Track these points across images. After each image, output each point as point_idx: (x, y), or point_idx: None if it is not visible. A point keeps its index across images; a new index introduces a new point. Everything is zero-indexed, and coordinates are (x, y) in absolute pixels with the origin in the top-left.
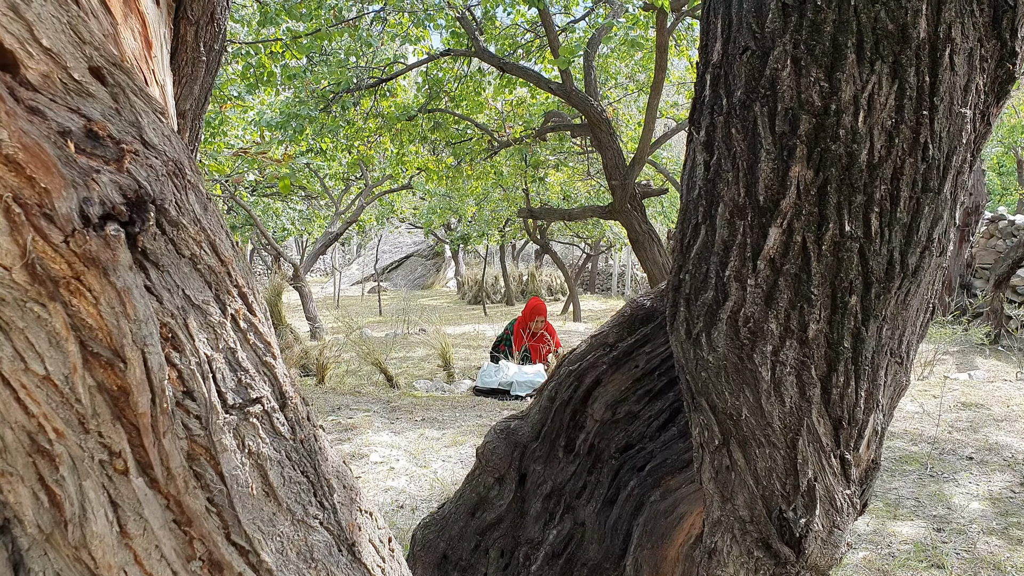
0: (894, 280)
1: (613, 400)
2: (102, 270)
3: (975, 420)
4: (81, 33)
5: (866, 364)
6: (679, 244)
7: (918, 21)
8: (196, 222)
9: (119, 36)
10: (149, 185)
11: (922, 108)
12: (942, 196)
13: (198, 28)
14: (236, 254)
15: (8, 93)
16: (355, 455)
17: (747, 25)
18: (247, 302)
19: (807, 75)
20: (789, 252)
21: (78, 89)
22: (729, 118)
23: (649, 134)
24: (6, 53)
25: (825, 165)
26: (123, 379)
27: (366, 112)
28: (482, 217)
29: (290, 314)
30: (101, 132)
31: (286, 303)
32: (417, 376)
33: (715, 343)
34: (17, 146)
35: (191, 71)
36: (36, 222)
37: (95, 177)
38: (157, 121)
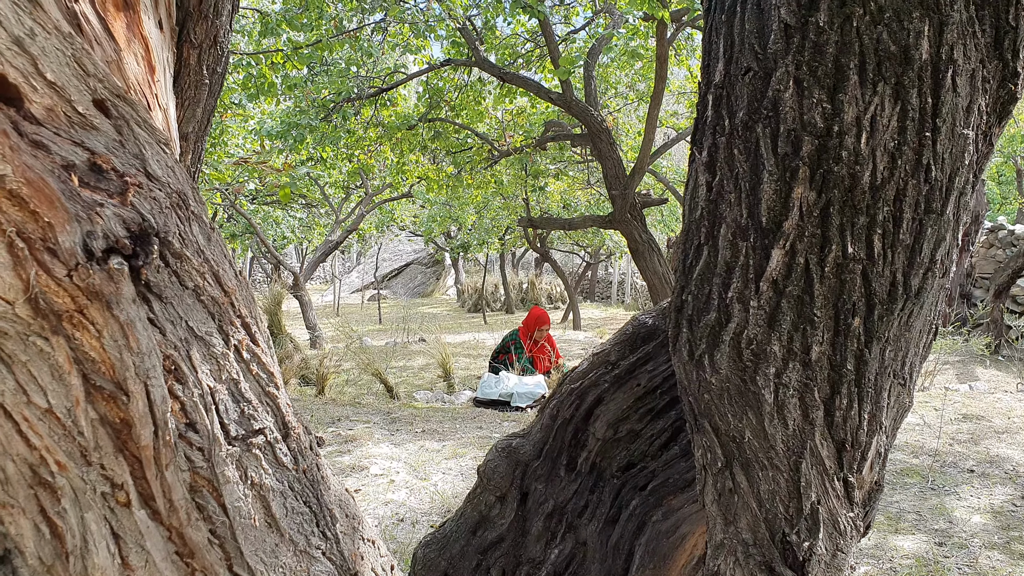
0: (897, 302)
1: (615, 418)
2: (105, 303)
3: (976, 432)
4: (85, 66)
5: (869, 386)
6: (681, 264)
7: (920, 42)
8: (199, 253)
9: (122, 62)
10: (153, 218)
11: (924, 129)
12: (945, 217)
13: (201, 51)
14: (239, 283)
15: (12, 128)
16: (355, 467)
17: (749, 46)
18: (250, 332)
19: (810, 96)
20: (792, 274)
21: (82, 122)
22: (731, 139)
23: (649, 144)
24: (10, 87)
25: (828, 187)
26: (126, 412)
27: (366, 121)
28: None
29: (290, 322)
30: (105, 165)
31: (286, 311)
32: (417, 386)
33: (718, 365)
34: (21, 181)
35: (194, 94)
36: (39, 256)
37: (99, 211)
38: (161, 152)
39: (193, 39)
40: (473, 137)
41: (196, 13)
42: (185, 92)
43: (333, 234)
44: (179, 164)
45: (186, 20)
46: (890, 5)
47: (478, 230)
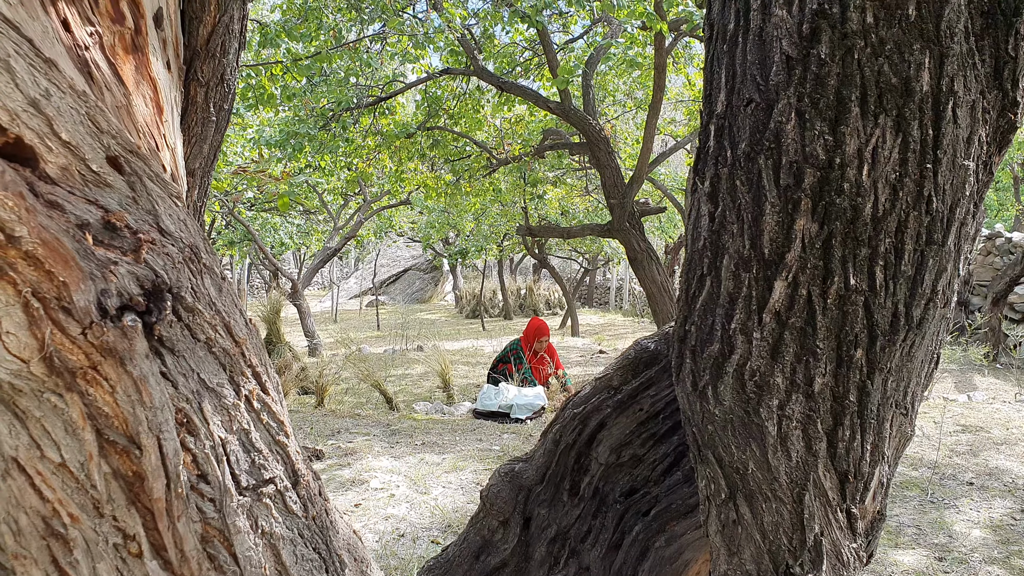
0: (899, 333)
1: (617, 443)
2: (119, 359)
3: (975, 444)
4: (99, 123)
5: (872, 417)
6: (684, 295)
7: (921, 74)
8: (211, 305)
9: (132, 106)
10: (166, 274)
11: (925, 161)
12: (946, 248)
13: (208, 89)
14: (250, 332)
15: (28, 189)
16: (355, 481)
17: (751, 77)
18: (260, 381)
19: (811, 128)
20: (794, 305)
21: (96, 180)
22: (733, 170)
23: (647, 153)
24: (26, 148)
25: (830, 218)
26: (138, 465)
27: (365, 130)
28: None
29: (288, 328)
30: (119, 223)
31: (284, 317)
32: (416, 395)
33: (721, 396)
34: (36, 242)
35: (201, 131)
36: (54, 316)
37: (113, 269)
38: (173, 206)
39: (200, 77)
40: (471, 145)
41: (203, 52)
42: (192, 129)
43: (331, 241)
44: (191, 216)
45: (193, 59)
46: (891, 37)
47: (476, 237)
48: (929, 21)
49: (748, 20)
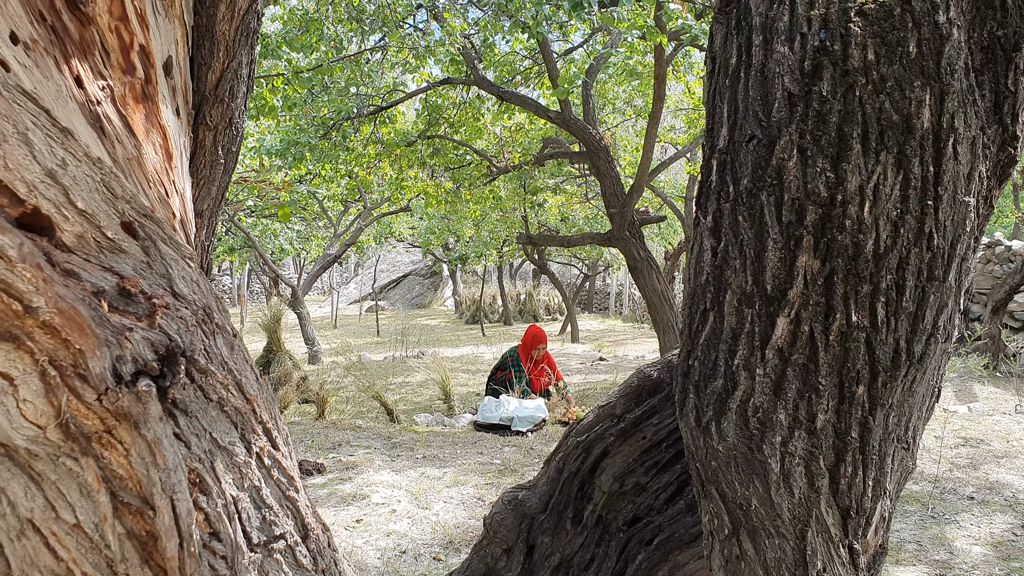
0: (900, 368)
1: (621, 472)
2: (133, 423)
3: (975, 457)
4: (114, 189)
5: (873, 453)
6: (687, 328)
7: (922, 112)
8: (223, 365)
9: (142, 156)
10: (180, 338)
11: (927, 198)
12: (947, 284)
13: (216, 133)
14: (260, 387)
15: (45, 259)
16: (356, 496)
17: (753, 113)
18: (271, 437)
19: (813, 165)
20: (797, 342)
21: (111, 246)
22: (736, 205)
23: (647, 163)
24: (43, 218)
25: (832, 255)
26: (152, 525)
27: (366, 138)
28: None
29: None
30: (133, 289)
31: (284, 323)
32: (416, 403)
33: (725, 433)
34: (53, 311)
35: (209, 173)
36: (71, 383)
37: (128, 335)
38: (186, 268)
39: (209, 121)
40: (471, 153)
41: (212, 97)
42: (201, 172)
43: (331, 248)
44: (203, 276)
45: (202, 104)
46: (892, 74)
47: (476, 242)
48: (930, 58)
49: (750, 55)
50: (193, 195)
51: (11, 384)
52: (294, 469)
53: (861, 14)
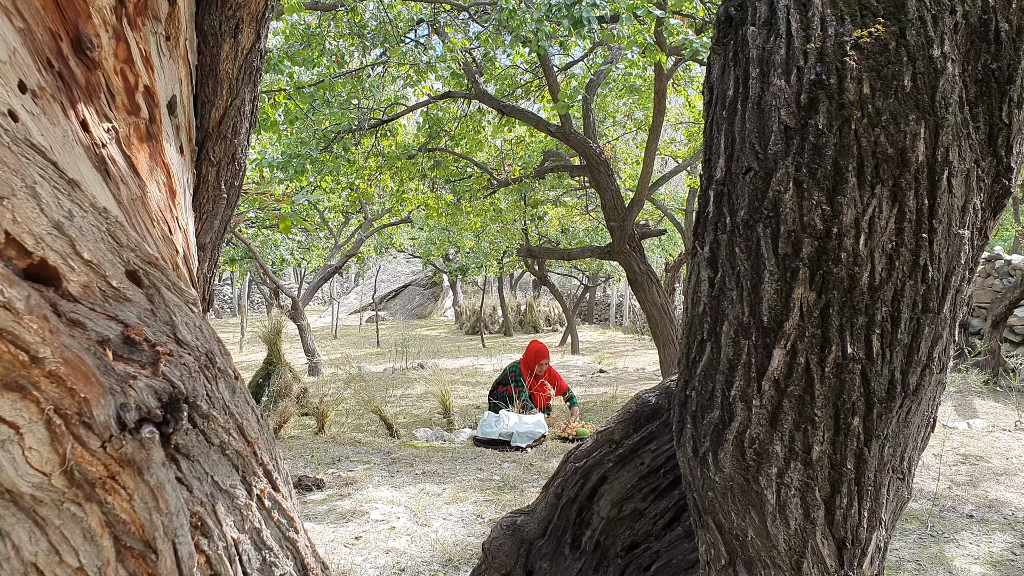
0: (895, 400)
1: (619, 497)
2: (137, 469)
3: (975, 474)
4: (119, 238)
5: (869, 484)
6: (684, 358)
7: (916, 145)
8: (225, 409)
9: (146, 196)
10: (183, 384)
11: (921, 231)
12: (942, 316)
13: (219, 168)
14: (261, 429)
15: (51, 310)
16: (355, 512)
17: (750, 145)
18: (271, 479)
19: (809, 198)
20: (793, 374)
21: (116, 295)
22: (733, 237)
23: (647, 177)
24: (50, 269)
25: (827, 287)
26: (154, 569)
27: (367, 151)
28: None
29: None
30: (137, 337)
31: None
32: (416, 416)
33: (721, 464)
34: (59, 361)
35: (212, 207)
36: (75, 431)
37: (132, 383)
38: (189, 313)
39: (212, 157)
40: (472, 166)
41: (215, 133)
42: (204, 206)
43: (332, 259)
44: (206, 321)
45: (205, 140)
46: (887, 108)
47: (476, 253)
48: (924, 92)
49: (747, 88)
50: (196, 229)
51: (17, 432)
52: (294, 509)
53: (857, 48)
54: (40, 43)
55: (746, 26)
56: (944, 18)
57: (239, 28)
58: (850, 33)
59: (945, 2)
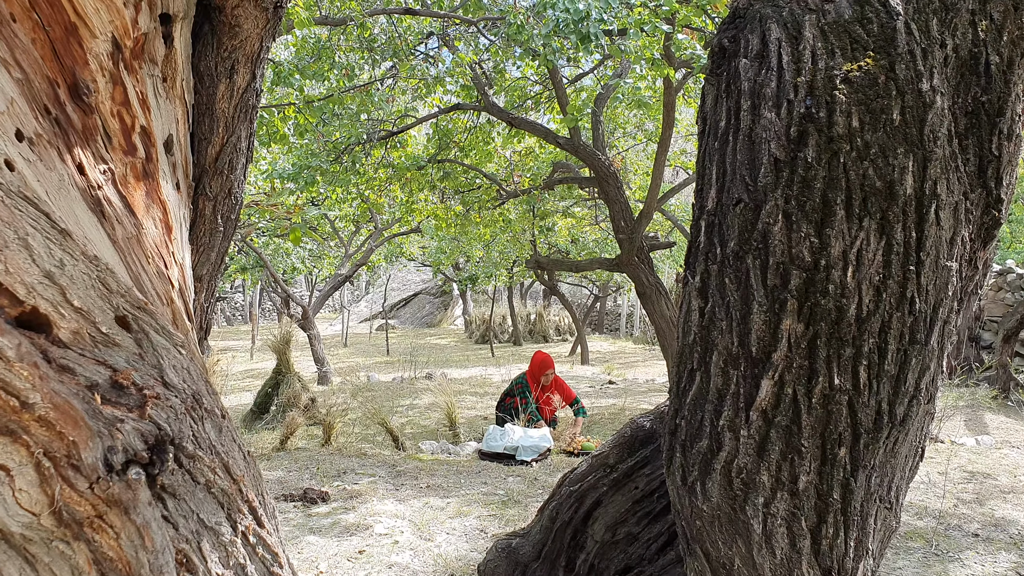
0: (882, 431)
1: (613, 521)
2: (123, 509)
3: (981, 492)
4: (109, 284)
5: (855, 514)
6: (675, 387)
7: (905, 178)
8: (211, 449)
9: (142, 235)
10: (169, 426)
11: (909, 263)
12: (929, 347)
13: (216, 203)
14: (248, 465)
15: (42, 357)
16: (359, 526)
17: (740, 177)
18: (256, 516)
19: (798, 230)
20: (780, 404)
21: (105, 340)
22: (723, 267)
23: (656, 189)
24: (41, 316)
25: (815, 319)
26: None
27: (376, 162)
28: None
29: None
30: (125, 382)
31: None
32: (423, 427)
33: (709, 493)
34: (49, 406)
35: (208, 240)
36: (64, 473)
37: (119, 427)
38: (177, 355)
39: (209, 192)
40: (481, 177)
41: (212, 170)
42: (200, 239)
43: (342, 268)
44: (194, 362)
45: (202, 176)
46: (876, 141)
47: (486, 263)
48: (913, 126)
49: (739, 119)
50: (193, 261)
51: (8, 475)
52: (279, 545)
53: (846, 82)
54: (38, 91)
55: (739, 58)
56: (934, 52)
57: (235, 69)
58: (840, 67)
59: (935, 36)
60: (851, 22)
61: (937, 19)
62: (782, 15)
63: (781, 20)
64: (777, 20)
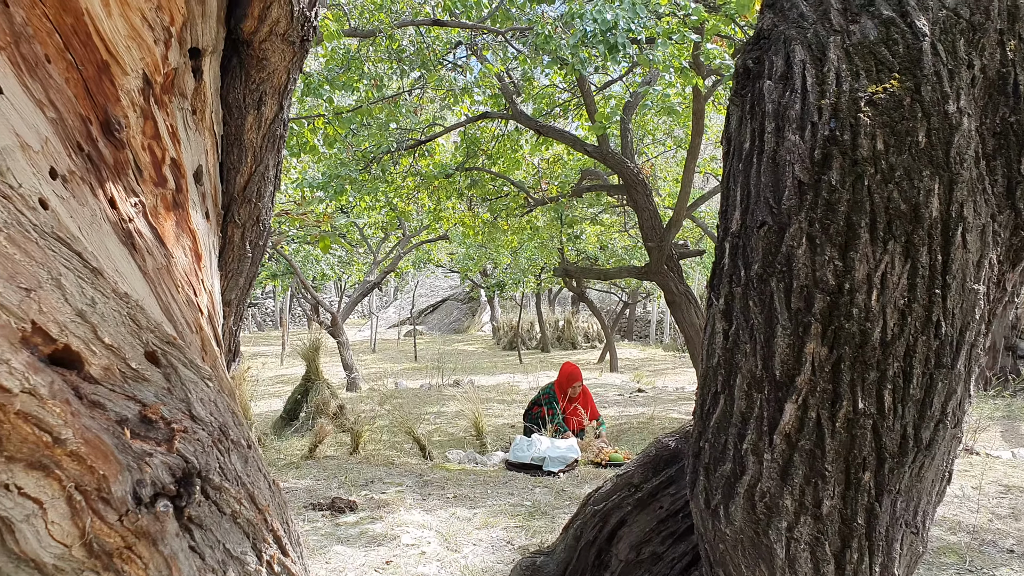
0: (908, 455)
1: (638, 541)
2: (152, 540)
3: (1017, 507)
4: (139, 321)
5: (880, 539)
6: (698, 410)
7: (930, 201)
8: (237, 480)
9: (172, 265)
10: (196, 459)
11: (934, 287)
12: (956, 371)
13: (244, 230)
14: (273, 494)
15: (73, 393)
16: (387, 536)
17: (764, 199)
18: (281, 545)
19: (822, 253)
20: (804, 428)
21: (135, 376)
22: (747, 290)
23: (686, 197)
24: (73, 353)
25: (839, 343)
26: None
27: (404, 171)
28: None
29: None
30: (154, 416)
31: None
32: (450, 435)
33: (732, 517)
34: (80, 441)
35: (237, 266)
36: (95, 506)
37: (148, 460)
38: (205, 388)
39: (237, 220)
40: (509, 184)
41: (240, 198)
42: (229, 265)
43: (371, 275)
44: (221, 394)
45: (231, 204)
46: (901, 164)
47: (514, 270)
48: (939, 148)
49: (763, 141)
50: (222, 287)
51: (40, 507)
52: (303, 573)
53: (871, 104)
54: (71, 129)
55: (763, 79)
56: (961, 72)
57: (263, 100)
58: (865, 89)
59: (962, 56)
60: (876, 43)
61: (964, 39)
62: (807, 36)
63: (806, 41)
64: (802, 41)
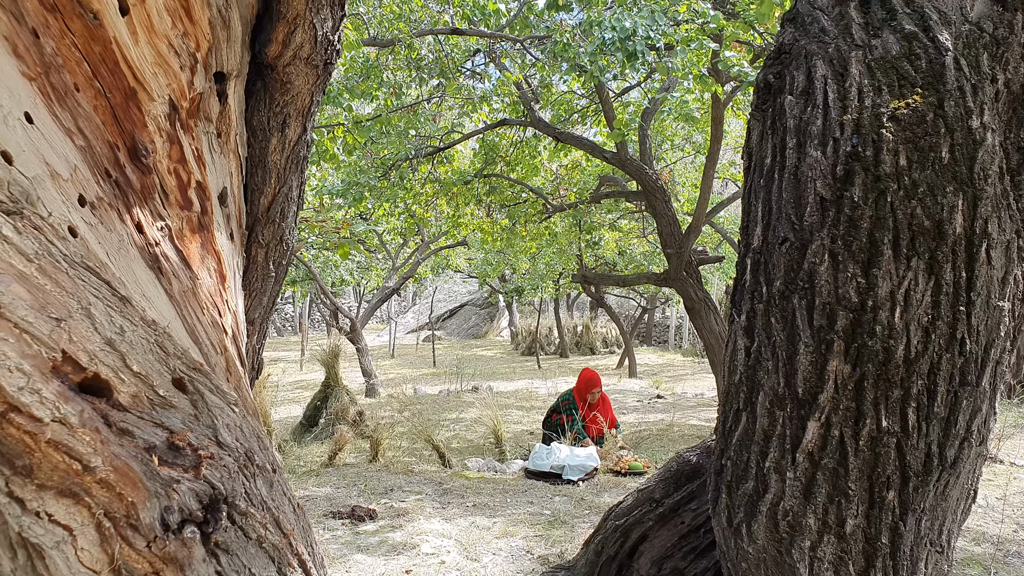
0: (932, 473)
1: (659, 556)
2: (179, 566)
3: None
4: (166, 348)
5: (905, 559)
6: (721, 427)
7: (954, 217)
8: (263, 505)
9: (197, 287)
10: (222, 485)
11: (959, 304)
12: (981, 388)
13: (268, 249)
14: (298, 517)
15: (103, 421)
16: (406, 545)
17: (786, 216)
18: (306, 568)
19: (844, 270)
20: (827, 446)
21: (162, 403)
22: (769, 307)
23: (705, 203)
24: (102, 381)
25: (862, 360)
26: None
27: (423, 177)
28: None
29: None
30: (181, 443)
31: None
32: (469, 442)
33: (755, 535)
34: (109, 469)
35: (260, 285)
36: (123, 532)
37: (175, 487)
38: (231, 414)
39: (261, 240)
40: (527, 191)
41: (264, 218)
42: (253, 285)
43: (389, 280)
44: (247, 419)
45: (255, 224)
46: (924, 180)
47: (532, 275)
48: (963, 163)
49: (784, 157)
50: (246, 306)
51: (70, 534)
52: None
53: (894, 119)
54: (99, 156)
55: (784, 95)
56: (984, 87)
57: (286, 123)
58: (887, 104)
59: (986, 71)
60: (899, 58)
61: (987, 54)
62: (828, 51)
63: (827, 56)
64: (823, 56)
